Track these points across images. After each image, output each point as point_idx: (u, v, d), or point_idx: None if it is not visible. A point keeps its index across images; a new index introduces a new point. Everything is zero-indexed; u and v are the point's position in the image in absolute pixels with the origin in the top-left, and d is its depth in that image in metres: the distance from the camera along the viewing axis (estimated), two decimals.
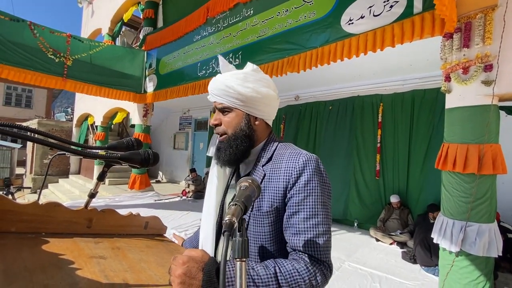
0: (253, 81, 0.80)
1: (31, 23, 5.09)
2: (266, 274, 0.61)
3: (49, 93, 18.61)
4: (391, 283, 2.91)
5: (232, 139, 0.80)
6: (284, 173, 0.74)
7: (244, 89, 0.78)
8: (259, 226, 0.74)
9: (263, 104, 0.81)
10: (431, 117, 4.27)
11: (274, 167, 0.77)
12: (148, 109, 7.06)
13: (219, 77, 0.83)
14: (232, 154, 0.79)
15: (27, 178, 11.78)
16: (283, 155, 0.78)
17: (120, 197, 6.36)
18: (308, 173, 0.71)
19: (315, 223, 0.68)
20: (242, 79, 0.79)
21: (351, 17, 2.82)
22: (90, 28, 10.00)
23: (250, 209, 0.74)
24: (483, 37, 2.13)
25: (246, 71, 0.82)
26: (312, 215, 0.69)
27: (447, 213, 2.30)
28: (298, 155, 0.75)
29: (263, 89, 0.80)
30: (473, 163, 2.11)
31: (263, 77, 0.83)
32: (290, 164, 0.74)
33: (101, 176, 0.85)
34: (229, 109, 0.81)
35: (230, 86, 0.78)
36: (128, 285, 0.58)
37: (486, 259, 2.16)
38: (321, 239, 0.68)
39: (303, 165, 0.72)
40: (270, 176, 0.76)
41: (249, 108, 0.80)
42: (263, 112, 0.82)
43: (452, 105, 2.32)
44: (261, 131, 0.84)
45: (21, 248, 0.66)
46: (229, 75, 0.82)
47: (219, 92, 0.81)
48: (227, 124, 0.82)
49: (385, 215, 4.49)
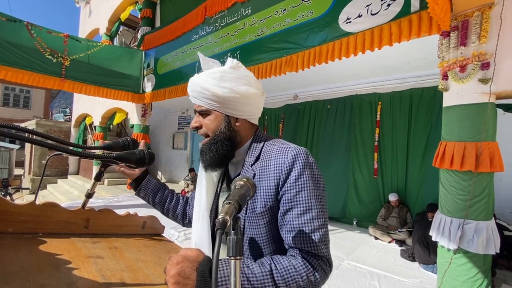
0: (230, 80, 0.75)
1: (28, 23, 5.07)
2: (261, 272, 0.59)
3: (47, 94, 18.55)
4: (390, 281, 2.92)
5: (212, 142, 0.77)
6: (273, 170, 0.71)
7: (220, 89, 0.74)
8: (255, 228, 0.72)
9: (243, 103, 0.76)
10: (429, 115, 4.29)
11: (263, 165, 0.74)
12: (147, 109, 7.05)
13: (196, 77, 0.79)
14: (213, 158, 0.76)
15: (25, 179, 11.75)
16: (271, 151, 0.75)
17: (119, 197, 6.36)
18: (298, 167, 0.69)
19: (309, 218, 0.66)
20: (219, 78, 0.75)
21: (348, 16, 2.82)
22: (87, 28, 9.98)
23: (244, 211, 0.72)
24: (480, 35, 2.14)
25: (224, 69, 0.77)
26: (306, 210, 0.67)
27: (445, 210, 2.31)
28: (286, 150, 0.72)
29: (241, 88, 0.75)
30: (471, 161, 2.12)
31: (242, 74, 0.78)
32: (279, 160, 0.71)
33: (98, 176, 0.85)
34: (207, 111, 0.78)
35: (206, 88, 0.74)
36: (125, 285, 0.58)
37: (484, 257, 2.17)
38: (317, 234, 0.66)
39: (292, 160, 0.69)
40: (260, 175, 0.73)
41: (227, 109, 0.76)
42: (244, 112, 0.78)
43: (449, 103, 2.32)
44: (244, 131, 0.80)
45: (18, 248, 0.66)
46: (205, 75, 0.77)
47: (196, 94, 0.78)
48: (207, 127, 0.79)
49: (385, 213, 4.51)
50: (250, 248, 0.73)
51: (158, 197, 1.00)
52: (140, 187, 0.97)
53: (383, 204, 4.65)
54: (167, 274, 0.54)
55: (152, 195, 0.99)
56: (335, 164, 5.24)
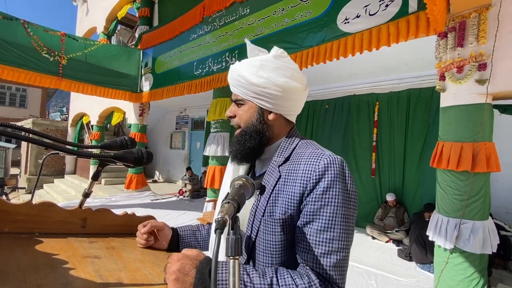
0: (269, 70, 0.70)
1: (24, 22, 5.03)
2: (260, 283, 0.56)
3: (44, 93, 18.42)
4: (387, 281, 2.94)
5: (242, 134, 0.74)
6: (301, 176, 0.64)
7: (256, 78, 0.69)
8: (270, 233, 0.65)
9: (280, 97, 0.71)
10: (426, 115, 4.31)
11: (291, 168, 0.68)
12: (144, 108, 7.02)
13: (236, 65, 0.76)
14: (239, 150, 0.73)
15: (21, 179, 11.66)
16: (302, 154, 0.68)
17: (116, 197, 6.33)
18: (329, 178, 0.61)
19: (329, 237, 0.59)
20: (258, 66, 0.71)
21: (347, 16, 2.83)
22: (85, 27, 9.92)
23: (261, 214, 0.67)
24: (477, 36, 2.15)
25: (266, 57, 0.73)
26: (328, 228, 0.59)
27: (442, 210, 2.33)
28: (320, 156, 0.64)
29: (280, 80, 0.70)
30: (467, 161, 2.14)
31: (284, 65, 0.72)
32: (309, 166, 0.64)
33: (95, 175, 0.85)
34: (243, 101, 0.74)
35: (242, 76, 0.71)
36: (122, 285, 0.58)
37: (480, 256, 2.18)
38: (333, 257, 0.58)
39: (324, 168, 0.62)
40: (286, 179, 0.67)
41: (262, 101, 0.71)
42: (280, 106, 0.72)
43: (446, 104, 2.34)
44: (278, 127, 0.75)
45: (14, 248, 0.66)
46: (245, 62, 0.74)
47: (233, 82, 0.75)
48: (240, 117, 0.75)
49: (382, 213, 4.53)
50: (261, 254, 0.67)
51: (201, 239, 0.92)
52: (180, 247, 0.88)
53: (381, 204, 4.67)
54: (168, 270, 0.54)
55: (195, 243, 0.91)
56: None
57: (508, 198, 3.81)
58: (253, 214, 0.69)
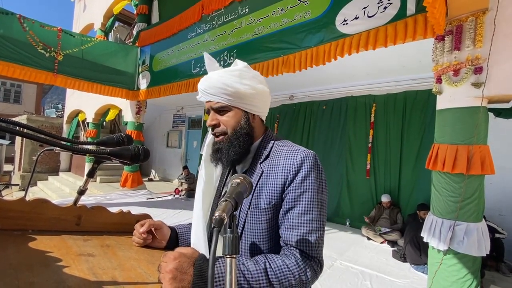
0: (248, 78, 0.79)
1: (20, 16, 4.96)
2: (256, 269, 0.61)
3: (39, 89, 18.20)
4: (382, 281, 2.95)
5: (234, 138, 0.78)
6: (282, 170, 0.73)
7: (242, 86, 0.77)
8: (256, 223, 0.73)
9: (260, 100, 0.81)
10: (422, 118, 4.35)
11: (271, 164, 0.77)
12: (141, 106, 6.98)
13: (213, 74, 0.80)
14: (237, 153, 0.78)
15: (15, 175, 11.51)
16: (280, 151, 0.78)
17: (111, 195, 6.28)
18: (305, 169, 0.72)
19: (309, 219, 0.69)
20: (238, 76, 0.78)
21: (345, 18, 2.84)
22: (82, 23, 9.82)
23: (247, 206, 0.74)
24: (474, 40, 2.17)
25: (240, 68, 0.81)
26: (307, 211, 0.69)
27: (437, 212, 2.35)
28: (296, 151, 0.75)
29: (258, 86, 0.80)
30: (462, 163, 2.16)
31: (256, 74, 0.83)
32: (288, 161, 0.74)
33: (90, 172, 0.84)
34: (227, 108, 0.79)
35: (228, 84, 0.76)
36: (117, 283, 0.57)
37: (473, 258, 2.20)
38: (313, 235, 0.68)
39: (301, 161, 0.72)
40: (268, 173, 0.76)
41: (246, 105, 0.79)
42: (259, 108, 0.82)
43: (443, 106, 2.36)
44: (258, 128, 0.84)
45: (6, 246, 0.65)
46: (223, 72, 0.79)
47: (215, 90, 0.78)
48: (226, 124, 0.79)
49: (376, 213, 4.56)
50: (249, 243, 0.74)
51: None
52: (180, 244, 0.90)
53: (375, 205, 4.70)
54: (163, 270, 0.54)
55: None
56: (329, 165, 5.27)
57: (502, 200, 3.86)
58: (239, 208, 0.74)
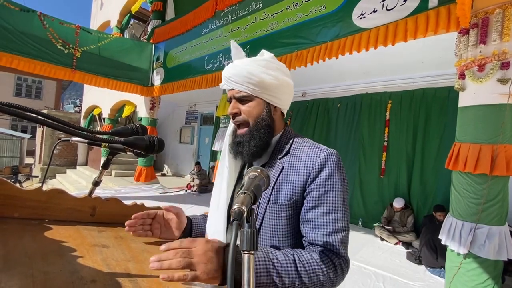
0: (274, 69, 0.77)
1: (40, 14, 5.12)
2: (286, 259, 0.60)
3: (59, 85, 18.84)
4: (395, 283, 2.88)
5: (255, 129, 0.76)
6: (304, 166, 0.72)
7: (267, 76, 0.75)
8: (276, 219, 0.72)
9: (283, 92, 0.78)
10: (442, 116, 4.17)
11: (292, 160, 0.75)
12: (155, 102, 7.08)
13: (239, 63, 0.78)
14: (258, 146, 0.75)
15: (36, 168, 12.00)
16: (302, 148, 0.76)
17: (125, 189, 6.43)
18: (329, 168, 0.70)
19: (334, 218, 0.67)
20: (264, 66, 0.76)
21: (363, 11, 2.75)
22: (99, 20, 10.06)
23: (266, 201, 0.73)
24: (500, 33, 2.04)
25: (266, 58, 0.78)
26: (332, 210, 0.68)
27: (456, 214, 2.25)
28: (319, 149, 0.73)
29: (283, 78, 0.78)
30: (485, 163, 2.05)
31: (281, 65, 0.80)
32: (310, 158, 0.72)
33: (105, 164, 0.84)
34: (249, 97, 0.77)
35: (253, 73, 0.74)
36: (130, 275, 0.56)
37: (495, 262, 2.10)
38: (339, 234, 0.67)
39: (324, 159, 0.70)
40: (289, 169, 0.74)
41: (269, 96, 0.77)
42: (282, 101, 0.80)
43: (465, 104, 2.25)
44: (278, 121, 0.81)
45: (23, 234, 0.65)
46: (249, 61, 0.77)
47: (240, 79, 0.75)
48: (248, 114, 0.77)
49: (387, 215, 4.43)
50: (267, 239, 0.73)
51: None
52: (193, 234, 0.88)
53: (386, 206, 4.56)
54: (196, 253, 0.51)
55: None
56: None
57: None
58: (258, 203, 0.74)
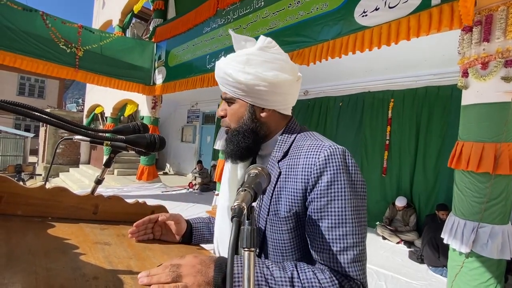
0: (256, 64, 0.66)
1: (43, 13, 5.14)
2: (281, 276, 0.53)
3: (61, 84, 18.94)
4: (397, 282, 2.87)
5: (234, 134, 0.70)
6: (302, 171, 0.60)
7: (244, 75, 0.65)
8: (277, 232, 0.63)
9: (271, 92, 0.66)
10: (445, 115, 4.15)
11: (290, 163, 0.64)
12: (157, 101, 7.10)
13: (221, 62, 0.72)
14: (234, 151, 0.70)
15: (39, 166, 12.09)
16: (301, 148, 0.65)
17: (128, 188, 6.47)
18: (331, 171, 0.58)
19: (342, 233, 0.56)
20: (244, 62, 0.66)
21: (365, 9, 2.73)
22: (101, 19, 10.08)
23: (266, 213, 0.66)
24: (504, 31, 2.03)
25: (251, 51, 0.68)
26: (339, 224, 0.56)
27: (459, 213, 2.24)
28: (319, 147, 0.61)
29: (268, 74, 0.65)
30: (488, 162, 2.04)
31: (273, 57, 0.67)
32: (308, 160, 0.60)
33: (107, 162, 0.84)
34: (232, 99, 0.71)
35: (228, 73, 0.67)
36: (132, 273, 0.57)
37: (497, 262, 2.09)
38: (350, 253, 0.55)
39: (324, 161, 0.58)
40: (287, 175, 0.64)
41: (252, 98, 0.68)
42: (272, 101, 0.68)
43: (468, 102, 2.23)
44: (273, 122, 0.72)
45: (26, 232, 0.66)
46: (230, 58, 0.70)
47: (220, 80, 0.71)
48: (230, 117, 0.72)
49: (389, 214, 4.43)
50: (271, 254, 0.66)
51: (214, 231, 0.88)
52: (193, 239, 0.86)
53: (389, 205, 4.55)
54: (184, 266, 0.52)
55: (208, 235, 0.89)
56: None
57: None
58: (258, 213, 0.67)
